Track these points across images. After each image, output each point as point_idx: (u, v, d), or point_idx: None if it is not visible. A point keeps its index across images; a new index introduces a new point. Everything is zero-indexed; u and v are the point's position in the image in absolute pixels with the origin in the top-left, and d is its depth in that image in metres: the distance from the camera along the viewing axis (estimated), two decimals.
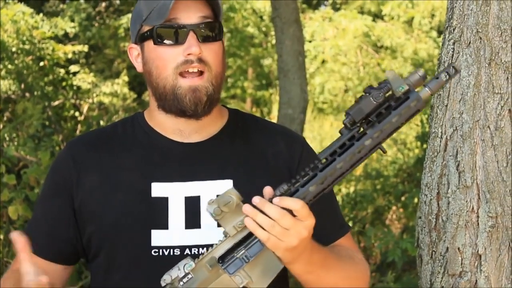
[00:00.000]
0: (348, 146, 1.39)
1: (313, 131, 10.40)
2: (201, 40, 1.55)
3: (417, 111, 1.40)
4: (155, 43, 1.57)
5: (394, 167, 6.62)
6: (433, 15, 11.94)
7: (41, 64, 7.96)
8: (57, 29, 9.12)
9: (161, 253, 1.56)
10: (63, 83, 8.36)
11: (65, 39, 9.92)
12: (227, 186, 1.57)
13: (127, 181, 1.60)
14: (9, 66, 7.32)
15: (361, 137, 1.39)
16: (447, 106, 1.97)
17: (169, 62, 1.56)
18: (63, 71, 8.56)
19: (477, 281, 1.92)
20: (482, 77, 1.92)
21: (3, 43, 7.29)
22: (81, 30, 10.32)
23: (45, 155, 4.20)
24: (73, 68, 9.14)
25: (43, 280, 1.35)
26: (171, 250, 1.56)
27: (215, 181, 1.60)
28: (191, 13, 1.56)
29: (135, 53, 1.65)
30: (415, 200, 5.05)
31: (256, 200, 1.37)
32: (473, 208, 1.92)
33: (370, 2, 12.70)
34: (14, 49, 7.51)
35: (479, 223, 1.92)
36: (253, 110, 11.81)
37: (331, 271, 1.53)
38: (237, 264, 1.40)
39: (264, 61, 12.09)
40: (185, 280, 1.39)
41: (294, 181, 1.40)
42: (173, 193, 1.59)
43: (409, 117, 1.41)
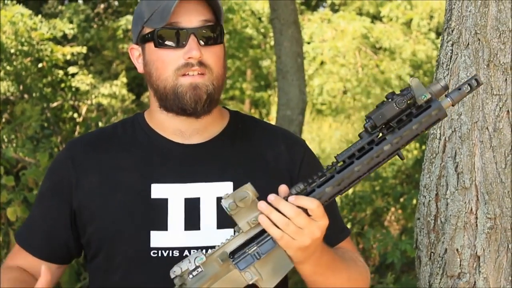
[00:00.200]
0: (367, 150, 1.40)
1: (312, 133, 10.42)
2: (202, 43, 1.55)
3: (438, 120, 1.41)
4: (156, 46, 1.57)
5: (392, 169, 6.62)
6: (431, 17, 11.97)
7: (40, 65, 7.96)
8: (56, 31, 9.13)
9: (160, 254, 1.56)
10: (62, 85, 8.37)
11: (63, 40, 9.93)
12: (227, 188, 1.58)
13: (126, 182, 1.60)
14: (8, 67, 7.32)
15: (381, 142, 1.40)
16: None
17: (169, 64, 1.56)
18: (61, 72, 8.57)
19: (475, 282, 1.92)
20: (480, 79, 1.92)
21: (2, 45, 7.28)
22: (79, 31, 10.33)
23: (43, 156, 4.20)
24: (72, 69, 9.15)
25: None
26: (170, 251, 1.56)
27: (215, 183, 1.59)
28: (192, 16, 1.55)
29: (136, 53, 1.65)
30: (414, 201, 5.05)
31: (271, 197, 1.37)
32: (471, 209, 1.92)
33: (368, 3, 12.72)
34: (12, 51, 7.51)
35: (477, 225, 1.92)
36: (252, 111, 11.82)
37: (337, 273, 1.54)
38: (248, 260, 1.40)
39: (262, 63, 12.11)
40: (195, 273, 1.39)
41: (310, 181, 1.40)
42: (172, 194, 1.58)
43: (429, 126, 1.41)
